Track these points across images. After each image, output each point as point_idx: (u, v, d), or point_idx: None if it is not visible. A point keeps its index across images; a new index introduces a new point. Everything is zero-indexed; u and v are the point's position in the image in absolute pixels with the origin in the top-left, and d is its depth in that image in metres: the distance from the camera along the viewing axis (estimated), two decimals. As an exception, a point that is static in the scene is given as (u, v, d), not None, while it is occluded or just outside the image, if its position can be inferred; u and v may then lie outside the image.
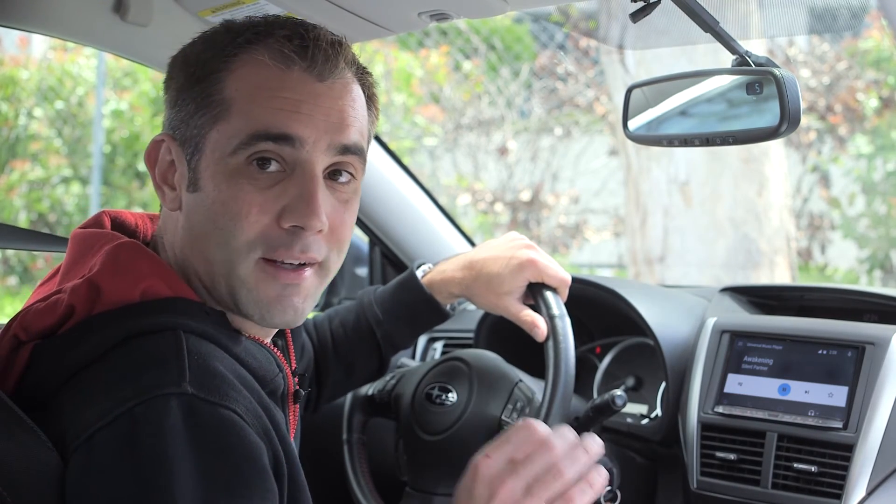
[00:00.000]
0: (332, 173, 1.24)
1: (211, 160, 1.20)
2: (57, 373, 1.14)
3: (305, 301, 1.24)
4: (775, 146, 5.53)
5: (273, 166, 1.19)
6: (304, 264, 1.22)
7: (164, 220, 1.29)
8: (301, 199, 1.19)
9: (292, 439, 1.31)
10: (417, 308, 1.75)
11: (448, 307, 1.77)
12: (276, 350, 1.29)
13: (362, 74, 1.29)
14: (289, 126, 1.19)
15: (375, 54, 8.16)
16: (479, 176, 8.24)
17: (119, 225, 1.32)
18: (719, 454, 1.69)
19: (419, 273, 1.76)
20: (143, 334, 1.13)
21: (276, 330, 1.34)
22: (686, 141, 1.45)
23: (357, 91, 1.26)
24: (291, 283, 1.21)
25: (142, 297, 1.17)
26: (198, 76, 1.22)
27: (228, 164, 1.19)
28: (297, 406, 1.38)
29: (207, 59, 1.22)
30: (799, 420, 1.64)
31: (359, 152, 1.25)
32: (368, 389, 1.88)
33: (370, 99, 1.30)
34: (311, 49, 1.21)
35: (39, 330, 1.18)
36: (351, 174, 1.25)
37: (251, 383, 1.18)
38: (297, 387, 1.35)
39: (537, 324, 1.64)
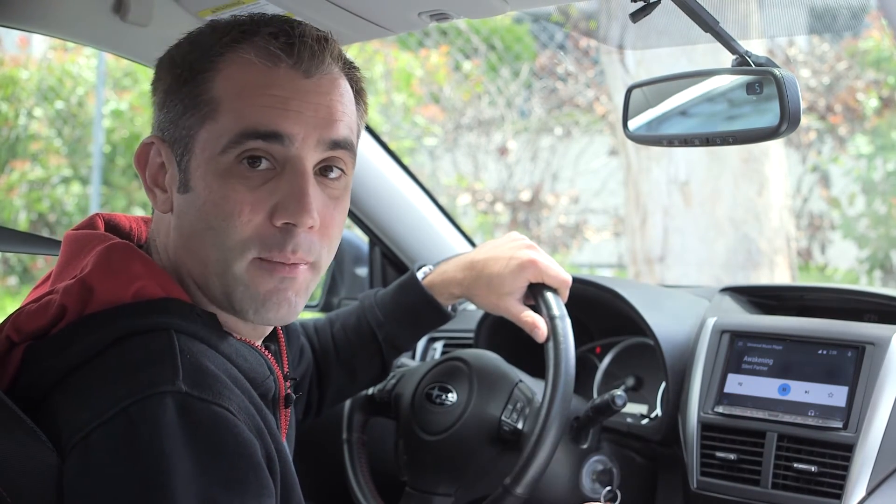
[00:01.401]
0: (323, 169, 1.23)
1: (201, 160, 1.20)
2: (50, 373, 1.14)
3: (298, 296, 1.24)
4: (775, 146, 5.53)
5: (263, 164, 1.19)
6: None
7: (156, 222, 1.29)
8: (292, 196, 1.19)
9: (284, 442, 1.31)
10: (418, 309, 1.74)
11: (449, 308, 1.77)
12: (267, 353, 1.29)
13: (349, 69, 1.28)
14: (277, 123, 1.18)
15: (375, 54, 8.15)
16: (479, 176, 8.24)
17: (113, 227, 1.32)
18: (719, 454, 1.69)
19: (420, 274, 1.76)
20: (135, 334, 1.14)
21: (268, 332, 1.34)
22: (686, 141, 1.45)
23: (345, 86, 1.26)
24: (287, 276, 1.21)
25: (134, 297, 1.17)
26: (185, 77, 1.22)
27: (219, 164, 1.19)
28: (289, 410, 1.38)
29: (194, 60, 1.22)
30: (799, 420, 1.64)
31: (348, 147, 1.24)
32: (368, 389, 1.88)
33: (358, 93, 1.29)
34: (297, 46, 1.20)
35: (32, 331, 1.18)
36: (341, 170, 1.25)
37: (243, 383, 1.18)
38: (289, 391, 1.35)
39: (538, 325, 1.65)
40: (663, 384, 1.84)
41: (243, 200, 1.18)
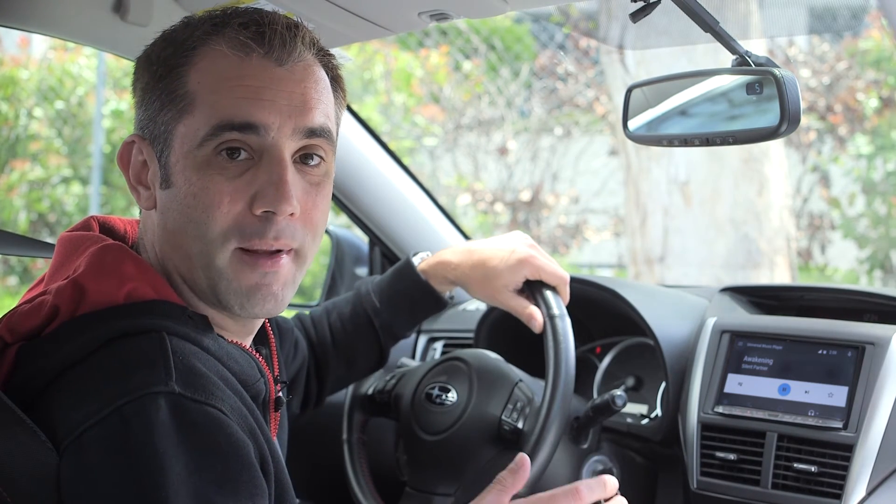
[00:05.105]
0: (303, 157, 1.24)
1: (180, 154, 1.20)
2: (43, 373, 1.14)
3: (284, 289, 1.24)
4: (775, 146, 5.53)
5: (242, 155, 1.20)
6: (280, 250, 1.22)
7: (143, 221, 1.30)
8: (270, 184, 1.19)
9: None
10: (414, 296, 1.75)
11: (447, 295, 1.77)
12: (258, 356, 1.29)
13: (324, 56, 1.28)
14: (251, 114, 1.19)
15: (375, 54, 8.16)
16: (479, 176, 8.24)
17: (108, 230, 1.32)
18: (719, 454, 1.69)
19: (416, 260, 1.76)
20: (127, 335, 1.14)
21: (257, 329, 1.34)
22: (686, 141, 1.45)
23: (319, 73, 1.26)
24: (270, 270, 1.21)
25: (126, 299, 1.17)
26: (160, 74, 1.22)
27: (197, 157, 1.19)
28: (279, 413, 1.38)
29: (169, 56, 1.23)
30: (799, 420, 1.64)
31: (326, 135, 1.24)
32: (368, 389, 1.88)
33: (335, 80, 1.29)
34: (267, 35, 1.21)
35: (25, 331, 1.18)
36: (321, 157, 1.25)
37: (234, 384, 1.18)
38: (279, 394, 1.35)
39: (534, 315, 1.64)
40: (663, 384, 1.84)
41: (222, 191, 1.19)
